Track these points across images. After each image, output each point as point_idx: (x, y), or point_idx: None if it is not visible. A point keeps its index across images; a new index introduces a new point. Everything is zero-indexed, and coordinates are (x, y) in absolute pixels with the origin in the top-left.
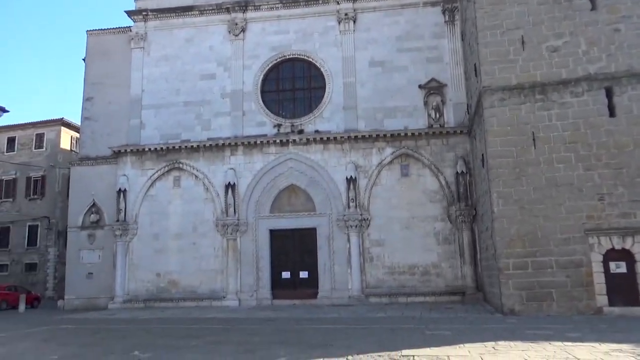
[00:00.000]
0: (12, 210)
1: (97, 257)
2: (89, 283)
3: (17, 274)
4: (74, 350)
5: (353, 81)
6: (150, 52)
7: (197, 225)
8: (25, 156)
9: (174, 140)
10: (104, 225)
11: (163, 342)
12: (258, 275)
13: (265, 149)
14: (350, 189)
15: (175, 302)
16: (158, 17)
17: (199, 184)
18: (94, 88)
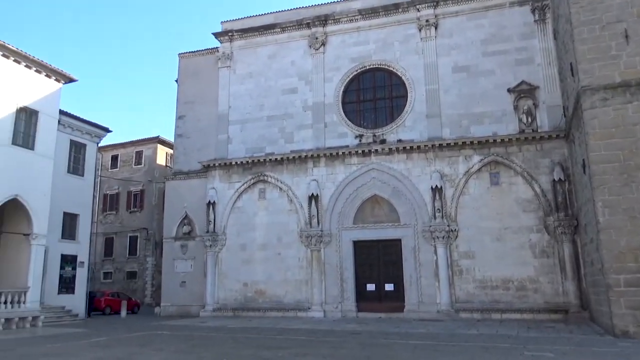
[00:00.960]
0: (115, 222)
1: (190, 267)
2: (182, 291)
3: (120, 281)
4: (168, 356)
5: (436, 88)
6: (236, 70)
7: (281, 236)
8: (127, 172)
9: (258, 153)
10: (195, 236)
11: (250, 351)
12: (342, 287)
13: (347, 159)
14: (436, 198)
15: (262, 312)
16: (243, 36)
17: (283, 195)
18: (185, 107)
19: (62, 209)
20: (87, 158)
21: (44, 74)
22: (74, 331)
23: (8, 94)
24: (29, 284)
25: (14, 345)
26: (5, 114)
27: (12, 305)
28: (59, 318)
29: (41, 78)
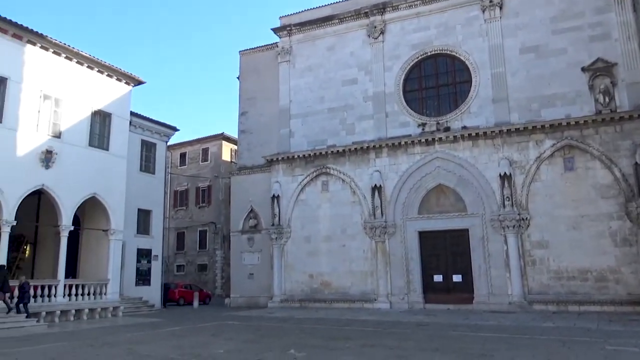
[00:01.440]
0: (185, 217)
1: (257, 259)
2: (250, 283)
3: (192, 273)
4: (237, 345)
5: (502, 71)
6: (295, 64)
7: (345, 228)
8: (194, 169)
9: (320, 146)
10: (261, 229)
11: (317, 342)
12: (408, 278)
13: (410, 149)
14: (505, 186)
15: (328, 303)
16: (301, 30)
17: (345, 187)
18: (247, 103)
19: (136, 206)
20: (157, 156)
21: (115, 78)
22: (151, 321)
23: (84, 98)
24: (109, 276)
25: (99, 334)
26: (82, 117)
27: (94, 297)
28: (137, 308)
29: (112, 82)
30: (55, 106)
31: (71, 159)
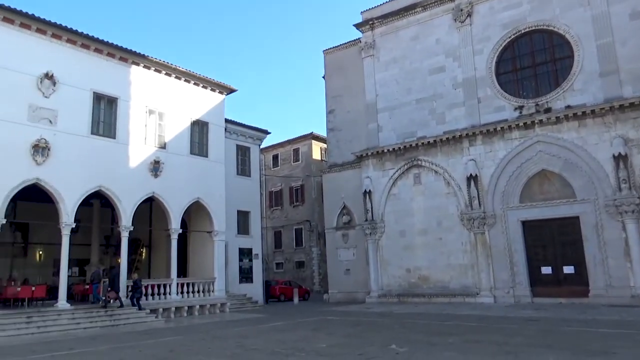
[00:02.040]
0: (281, 217)
1: (352, 255)
2: (347, 278)
3: (290, 270)
4: (339, 340)
5: (610, 41)
6: (379, 58)
7: (441, 220)
8: (287, 169)
9: (410, 138)
10: (355, 225)
11: (418, 337)
12: (513, 271)
13: (507, 134)
14: (620, 167)
15: (427, 298)
16: (383, 22)
17: (439, 179)
18: (334, 101)
19: (236, 208)
20: (251, 160)
21: (209, 89)
22: (255, 316)
23: (183, 110)
24: (215, 274)
25: (209, 328)
26: (182, 128)
27: (203, 294)
28: (242, 304)
29: (207, 92)
30: (159, 119)
31: (176, 168)
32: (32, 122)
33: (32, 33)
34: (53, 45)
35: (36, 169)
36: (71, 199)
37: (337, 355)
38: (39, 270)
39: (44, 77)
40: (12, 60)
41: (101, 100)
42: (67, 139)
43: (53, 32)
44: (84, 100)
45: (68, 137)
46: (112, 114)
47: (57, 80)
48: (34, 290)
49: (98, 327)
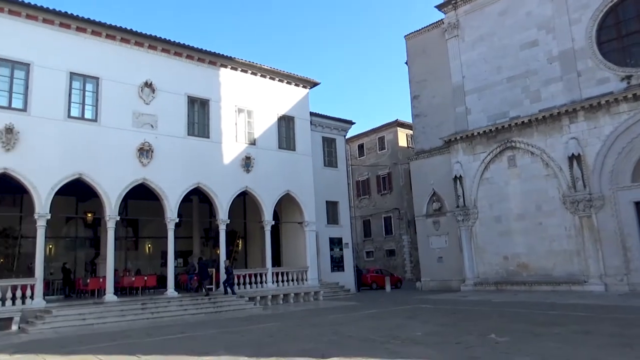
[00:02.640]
0: (369, 205)
1: (444, 242)
2: (439, 266)
3: (381, 258)
4: (434, 328)
5: None
6: (464, 38)
7: (540, 204)
8: (373, 158)
9: (502, 119)
10: (446, 211)
11: (519, 327)
12: (627, 257)
13: (613, 108)
14: None
15: (527, 286)
16: (467, 1)
17: (536, 160)
18: (418, 86)
19: (324, 199)
20: (337, 151)
21: (293, 84)
22: (348, 304)
23: (270, 106)
24: (308, 264)
25: (305, 315)
26: (270, 123)
27: (297, 282)
28: (334, 292)
29: (292, 88)
30: (248, 117)
31: (266, 162)
32: (136, 128)
33: (132, 46)
34: (150, 56)
35: (142, 170)
36: (174, 196)
37: (434, 343)
38: (149, 261)
39: (144, 86)
40: (116, 72)
41: (194, 103)
42: (166, 141)
43: (149, 44)
44: (179, 104)
45: (168, 139)
46: (205, 115)
47: (155, 87)
48: (146, 279)
49: (203, 314)
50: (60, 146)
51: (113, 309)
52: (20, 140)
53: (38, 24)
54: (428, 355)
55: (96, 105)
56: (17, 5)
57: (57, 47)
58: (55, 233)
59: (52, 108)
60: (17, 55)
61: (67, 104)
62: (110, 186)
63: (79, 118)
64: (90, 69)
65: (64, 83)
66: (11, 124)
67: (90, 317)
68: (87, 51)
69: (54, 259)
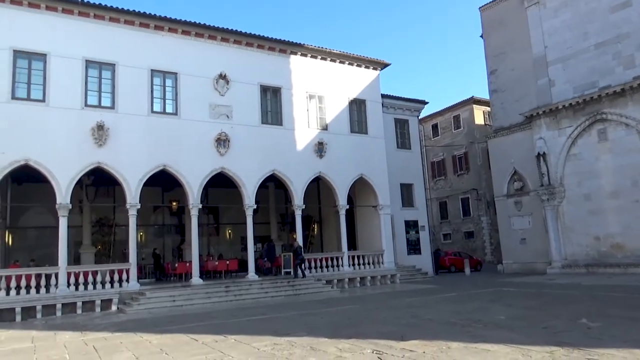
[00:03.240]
0: (445, 187)
1: (527, 223)
2: (522, 248)
3: (459, 241)
4: (519, 312)
5: None
6: (546, 4)
7: (637, 180)
8: (448, 138)
9: (590, 90)
10: (529, 191)
11: (614, 311)
12: None
13: None
14: None
15: (623, 268)
16: None
17: (631, 132)
18: (495, 60)
19: (398, 181)
20: (411, 132)
21: (363, 66)
22: (426, 287)
23: (341, 90)
24: (384, 247)
25: (382, 298)
26: (341, 108)
27: (373, 266)
28: (411, 275)
29: (362, 70)
30: (319, 103)
31: (338, 147)
32: (212, 119)
33: (205, 40)
34: (223, 48)
35: (220, 159)
36: (250, 184)
37: (519, 327)
38: (229, 246)
39: (219, 78)
40: (192, 67)
41: (267, 91)
42: (242, 130)
43: (222, 37)
44: (252, 93)
45: (243, 128)
46: (277, 103)
47: (229, 78)
48: (228, 264)
49: (282, 296)
50: (146, 140)
51: (199, 291)
52: (110, 136)
53: (120, 25)
54: (513, 340)
55: (176, 99)
56: (101, 10)
57: (138, 46)
58: (145, 221)
59: (137, 104)
60: (104, 57)
61: (149, 100)
62: (191, 176)
63: (161, 112)
64: (169, 65)
65: (146, 80)
66: (102, 121)
67: (179, 298)
68: (165, 48)
69: (144, 245)
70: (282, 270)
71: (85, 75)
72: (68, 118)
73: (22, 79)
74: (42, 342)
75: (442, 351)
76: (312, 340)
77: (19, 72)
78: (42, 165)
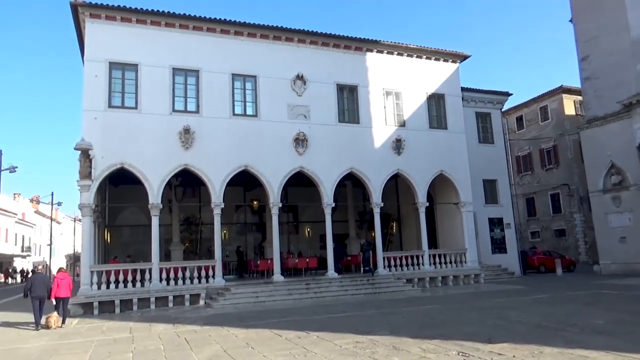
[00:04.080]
0: (532, 182)
1: (627, 220)
2: (622, 248)
3: (548, 239)
4: (620, 316)
5: None
6: None
7: None
8: (534, 130)
9: None
10: (628, 185)
11: None
12: None
13: None
14: None
15: None
16: None
17: None
18: (587, 45)
19: (481, 177)
20: (493, 125)
21: (442, 60)
22: (513, 288)
23: (418, 85)
24: (466, 245)
25: (466, 299)
26: (419, 103)
27: (455, 265)
28: (497, 275)
29: (440, 64)
30: (396, 99)
31: (417, 143)
32: (290, 119)
33: (282, 43)
34: (299, 49)
35: (299, 159)
36: (329, 182)
37: (619, 333)
38: (309, 244)
39: (296, 79)
40: (271, 69)
41: (343, 90)
42: (319, 129)
43: (299, 38)
44: (329, 92)
45: (320, 127)
46: (354, 101)
47: (306, 79)
48: (308, 261)
49: (362, 294)
50: (228, 141)
51: (280, 288)
52: (196, 138)
53: (203, 33)
54: (614, 346)
55: (255, 101)
56: (185, 19)
57: (220, 51)
58: (228, 220)
59: (219, 107)
60: (189, 64)
61: (231, 103)
62: (271, 175)
63: (241, 115)
64: (249, 68)
65: (227, 84)
66: (188, 125)
67: (262, 294)
68: (245, 52)
69: (228, 243)
70: (361, 267)
71: (173, 82)
72: (157, 123)
73: (116, 88)
74: (139, 332)
75: (534, 356)
76: (394, 339)
77: (114, 82)
78: (135, 167)
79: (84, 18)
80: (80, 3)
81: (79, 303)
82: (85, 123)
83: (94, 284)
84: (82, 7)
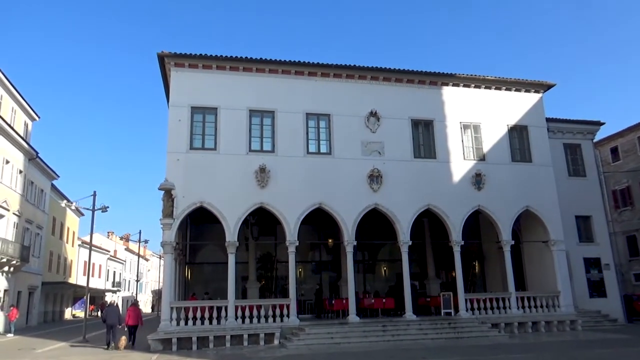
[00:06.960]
0: (633, 218)
1: None
2: None
3: None
4: None
5: None
6: None
7: None
8: (632, 162)
9: None
10: None
11: None
12: None
13: None
14: None
15: None
16: None
17: None
18: None
19: (572, 213)
20: (584, 157)
21: (523, 90)
22: (617, 337)
23: (498, 118)
24: (559, 288)
25: (562, 348)
26: (499, 136)
27: (547, 309)
28: (596, 322)
29: (521, 95)
30: (474, 132)
31: (498, 178)
32: (365, 156)
33: (355, 81)
34: (372, 86)
35: (373, 196)
36: (405, 219)
37: None
38: (385, 284)
39: (370, 115)
40: (344, 107)
41: (418, 125)
42: (394, 165)
43: (371, 75)
44: (403, 128)
45: (395, 163)
46: (429, 136)
47: (380, 115)
48: (384, 302)
49: (443, 339)
50: (302, 179)
51: (356, 329)
52: (271, 177)
53: (278, 75)
54: None
55: (329, 139)
56: (261, 63)
57: (294, 92)
58: (303, 257)
59: (294, 146)
60: (264, 105)
61: (305, 142)
62: (346, 213)
63: (315, 153)
64: (322, 107)
65: (302, 123)
66: (264, 164)
67: (336, 336)
68: (318, 91)
69: (302, 281)
70: (441, 310)
71: (249, 123)
72: (235, 163)
73: (197, 130)
74: None
75: None
76: None
77: (195, 125)
78: (213, 206)
79: (169, 67)
80: (166, 54)
81: (158, 339)
82: (168, 164)
83: (173, 319)
84: (168, 58)
